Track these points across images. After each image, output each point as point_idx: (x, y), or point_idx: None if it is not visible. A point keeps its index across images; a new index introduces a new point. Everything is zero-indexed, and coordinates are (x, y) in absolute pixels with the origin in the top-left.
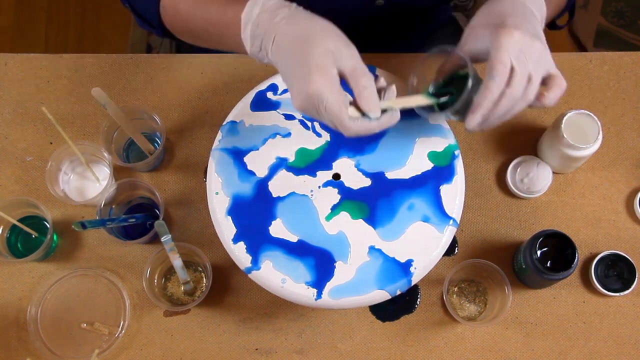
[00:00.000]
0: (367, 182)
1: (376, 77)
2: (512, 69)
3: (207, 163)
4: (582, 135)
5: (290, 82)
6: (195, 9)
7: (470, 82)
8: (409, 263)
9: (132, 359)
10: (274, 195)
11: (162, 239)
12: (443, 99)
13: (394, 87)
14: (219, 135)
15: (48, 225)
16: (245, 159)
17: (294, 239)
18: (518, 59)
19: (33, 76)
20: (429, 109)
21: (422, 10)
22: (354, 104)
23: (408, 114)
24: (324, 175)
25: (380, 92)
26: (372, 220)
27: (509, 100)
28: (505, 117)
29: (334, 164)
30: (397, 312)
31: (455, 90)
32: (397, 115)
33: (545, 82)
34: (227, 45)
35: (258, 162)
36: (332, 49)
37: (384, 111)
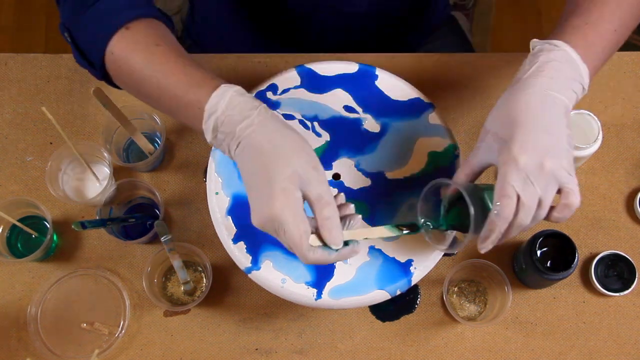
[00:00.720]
0: (367, 182)
1: (340, 206)
2: (518, 199)
3: (207, 163)
4: (582, 135)
5: (251, 195)
6: (151, 73)
7: (472, 220)
8: (409, 263)
9: (132, 359)
10: None
11: (162, 239)
12: (406, 232)
13: (359, 217)
14: None
15: (48, 225)
16: None
17: None
18: (524, 187)
19: (33, 76)
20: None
21: (405, 16)
22: (317, 232)
23: (407, 115)
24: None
25: (345, 219)
26: (372, 220)
27: (517, 228)
28: (515, 234)
29: (334, 164)
30: (397, 312)
31: (454, 214)
32: (359, 248)
33: (559, 191)
34: (180, 119)
35: None
36: (299, 171)
37: (346, 243)
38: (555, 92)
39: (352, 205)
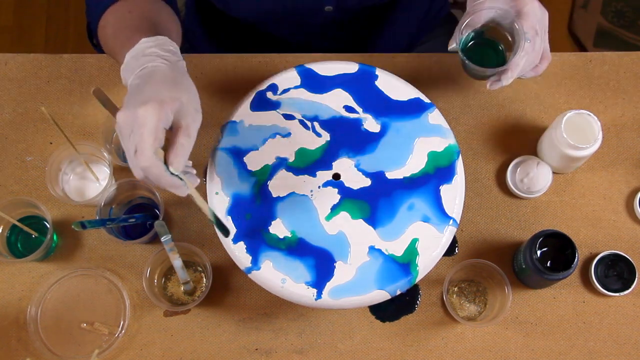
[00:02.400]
0: (367, 182)
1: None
2: (537, 34)
3: (207, 163)
4: (582, 135)
5: (130, 96)
6: (114, 35)
7: (523, 43)
8: (409, 263)
9: (132, 359)
10: (274, 195)
11: (162, 239)
12: (217, 228)
13: (197, 179)
14: (219, 135)
15: (48, 225)
16: (245, 159)
17: (294, 238)
18: (539, 25)
19: (33, 76)
20: (472, 62)
21: (377, 11)
22: (165, 151)
23: (407, 115)
24: (324, 175)
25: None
26: (372, 220)
27: (532, 59)
28: (519, 75)
29: (334, 164)
30: (397, 312)
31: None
32: (184, 191)
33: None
34: (118, 60)
35: (258, 162)
36: (184, 101)
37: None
38: None
39: (194, 172)
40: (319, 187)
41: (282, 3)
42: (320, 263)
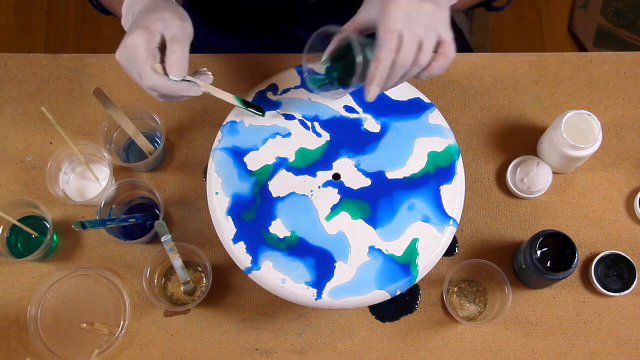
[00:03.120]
0: (367, 182)
1: (200, 71)
2: (400, 36)
3: (207, 163)
4: (582, 135)
5: (123, 37)
6: None
7: (358, 59)
8: (409, 263)
9: (132, 359)
10: (274, 195)
11: (162, 239)
12: (249, 109)
13: (209, 75)
14: (219, 135)
15: (48, 225)
16: (245, 159)
17: (294, 238)
18: (406, 25)
19: (33, 76)
20: (326, 86)
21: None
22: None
23: (407, 115)
24: (324, 175)
25: (197, 74)
26: (372, 220)
27: (400, 68)
28: (400, 82)
29: (334, 164)
30: (397, 312)
31: (342, 65)
32: (199, 91)
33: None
34: (118, 14)
35: (258, 162)
36: (165, 17)
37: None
38: None
39: (209, 74)
40: (319, 187)
41: None
42: (320, 263)
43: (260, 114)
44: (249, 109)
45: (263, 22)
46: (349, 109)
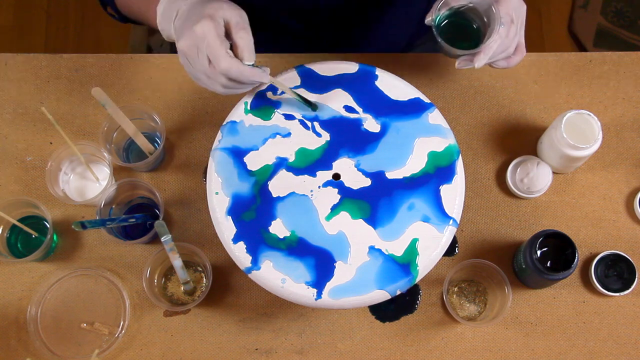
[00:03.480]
0: (367, 182)
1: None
2: (514, 23)
3: (207, 163)
4: (582, 135)
5: (183, 26)
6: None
7: (492, 26)
8: (409, 263)
9: (132, 359)
10: (274, 195)
11: (162, 239)
12: (303, 103)
13: (267, 69)
14: (219, 135)
15: (48, 225)
16: (245, 159)
17: (294, 238)
18: (515, 16)
19: (33, 76)
20: (447, 40)
21: (371, 5)
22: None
23: (407, 115)
24: (324, 175)
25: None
26: (372, 220)
27: (503, 46)
28: (491, 60)
29: (334, 164)
30: (397, 312)
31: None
32: (267, 78)
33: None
34: (147, 19)
35: (258, 162)
36: (224, 6)
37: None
38: None
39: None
40: (319, 187)
41: None
42: (320, 263)
43: (313, 108)
44: (303, 102)
45: (281, 25)
46: (349, 109)
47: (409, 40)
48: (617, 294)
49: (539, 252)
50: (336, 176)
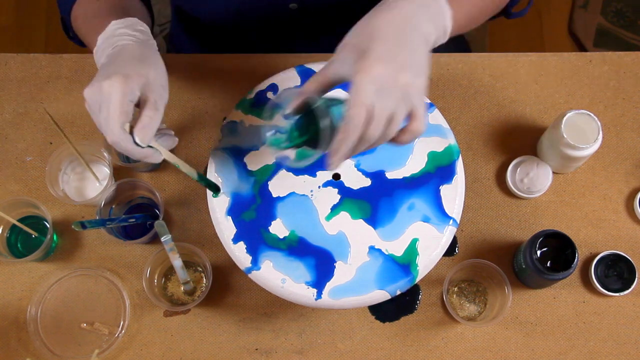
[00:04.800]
0: (367, 182)
1: (163, 130)
2: (371, 110)
3: (207, 163)
4: (582, 135)
5: (102, 71)
6: (85, 23)
7: (322, 133)
8: (409, 263)
9: (132, 359)
10: (274, 195)
11: (162, 239)
12: (202, 182)
13: (174, 140)
14: (219, 135)
15: (48, 225)
16: (245, 159)
17: (294, 238)
18: (378, 97)
19: (33, 76)
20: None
21: (341, 10)
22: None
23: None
24: (324, 175)
25: (161, 134)
26: (372, 220)
27: (367, 141)
28: (364, 151)
29: None
30: (397, 312)
31: (310, 124)
32: (158, 158)
33: (409, 117)
34: (90, 45)
35: (258, 162)
36: (150, 78)
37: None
38: (419, 19)
39: (172, 132)
40: (319, 187)
41: (248, 1)
42: (320, 263)
43: (215, 193)
44: (205, 185)
45: (251, 40)
46: None
47: None
48: (617, 294)
49: (539, 252)
50: (336, 176)
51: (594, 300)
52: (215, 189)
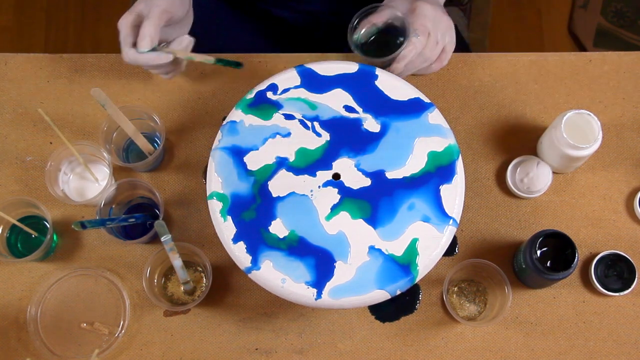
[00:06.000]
0: (367, 182)
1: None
2: (429, 33)
3: (206, 163)
4: (582, 135)
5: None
6: None
7: (407, 38)
8: (409, 263)
9: (132, 359)
10: (274, 195)
11: (162, 239)
12: (221, 63)
13: (190, 39)
14: (219, 135)
15: (48, 225)
16: (245, 159)
17: (294, 238)
18: (433, 26)
19: (33, 76)
20: (362, 53)
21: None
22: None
23: (407, 115)
24: (324, 175)
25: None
26: (372, 220)
27: (422, 57)
28: (412, 71)
29: (334, 164)
30: (397, 312)
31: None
32: (168, 57)
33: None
34: None
35: (258, 162)
36: (157, 2)
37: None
38: None
39: (187, 38)
40: (319, 187)
41: None
42: (320, 263)
43: (238, 66)
44: (226, 65)
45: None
46: (349, 108)
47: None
48: (617, 294)
49: (539, 252)
50: (336, 176)
51: (594, 300)
52: (236, 64)
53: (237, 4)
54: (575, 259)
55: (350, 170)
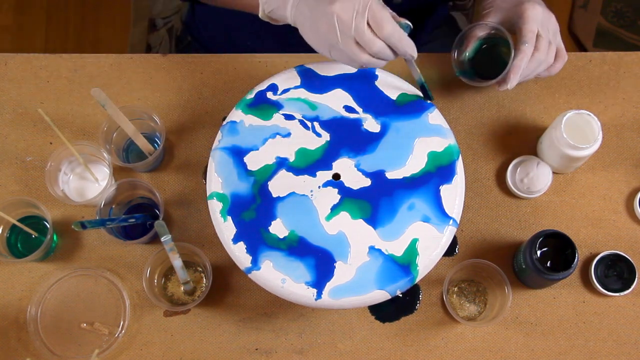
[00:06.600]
0: (367, 182)
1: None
2: (539, 36)
3: (206, 163)
4: (582, 135)
5: (315, 15)
6: None
7: (512, 53)
8: (409, 263)
9: (132, 359)
10: (274, 195)
11: (162, 239)
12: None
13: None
14: (219, 135)
15: (48, 225)
16: (245, 159)
17: (294, 238)
18: (542, 28)
19: (33, 76)
20: (469, 78)
21: (432, 9)
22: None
23: (407, 115)
24: (324, 175)
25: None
26: (372, 220)
27: (536, 62)
28: (530, 76)
29: (334, 164)
30: (397, 312)
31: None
32: (416, 53)
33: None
34: (240, 3)
35: (258, 162)
36: None
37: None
38: None
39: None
40: (319, 187)
41: None
42: (320, 263)
43: (428, 99)
44: (423, 90)
45: None
46: (349, 109)
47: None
48: (617, 294)
49: (539, 252)
50: (336, 176)
51: (594, 300)
52: (428, 97)
53: None
54: (575, 259)
55: (350, 171)
